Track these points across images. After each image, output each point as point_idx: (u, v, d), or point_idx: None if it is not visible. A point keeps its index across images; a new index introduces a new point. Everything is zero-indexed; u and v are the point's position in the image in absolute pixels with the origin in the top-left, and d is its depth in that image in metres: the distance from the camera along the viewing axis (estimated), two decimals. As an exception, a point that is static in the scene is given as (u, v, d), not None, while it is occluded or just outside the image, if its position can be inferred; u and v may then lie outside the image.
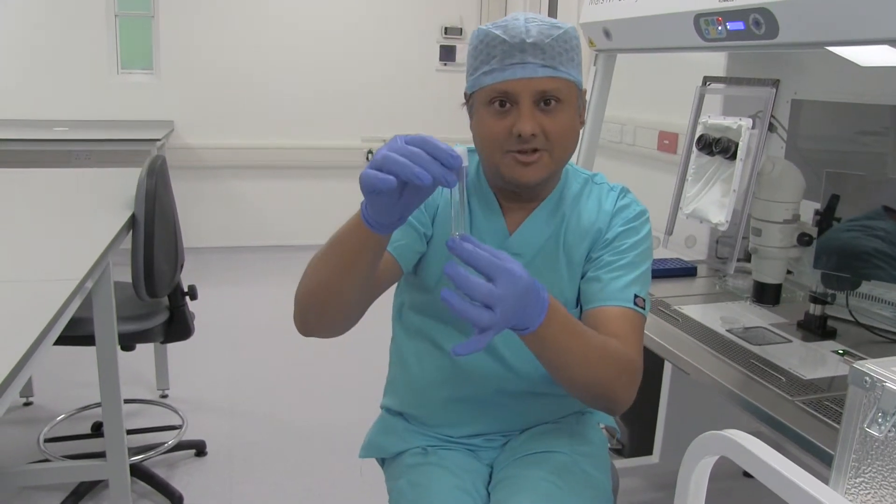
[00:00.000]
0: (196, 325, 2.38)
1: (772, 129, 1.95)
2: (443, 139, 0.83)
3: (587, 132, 2.16)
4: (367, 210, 0.90)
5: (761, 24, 1.35)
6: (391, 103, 5.09)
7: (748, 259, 1.82)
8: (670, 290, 1.88)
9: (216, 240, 4.97)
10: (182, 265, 2.38)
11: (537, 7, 4.46)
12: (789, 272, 1.77)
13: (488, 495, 1.22)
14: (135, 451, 2.37)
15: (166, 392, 2.90)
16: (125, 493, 2.02)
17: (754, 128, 1.67)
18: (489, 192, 1.22)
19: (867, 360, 0.80)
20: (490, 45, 1.09)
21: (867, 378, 0.77)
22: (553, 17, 1.13)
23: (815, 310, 1.60)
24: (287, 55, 4.88)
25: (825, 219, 1.61)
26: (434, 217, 1.20)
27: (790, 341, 1.55)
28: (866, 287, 1.63)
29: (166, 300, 2.30)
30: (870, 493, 0.78)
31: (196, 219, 4.72)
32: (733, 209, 1.69)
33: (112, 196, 2.31)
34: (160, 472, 2.32)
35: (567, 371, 1.02)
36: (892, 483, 0.75)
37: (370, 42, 5.00)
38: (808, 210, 1.66)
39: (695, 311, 1.72)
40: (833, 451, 0.83)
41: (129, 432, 2.37)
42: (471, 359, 1.23)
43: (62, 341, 1.54)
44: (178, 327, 2.31)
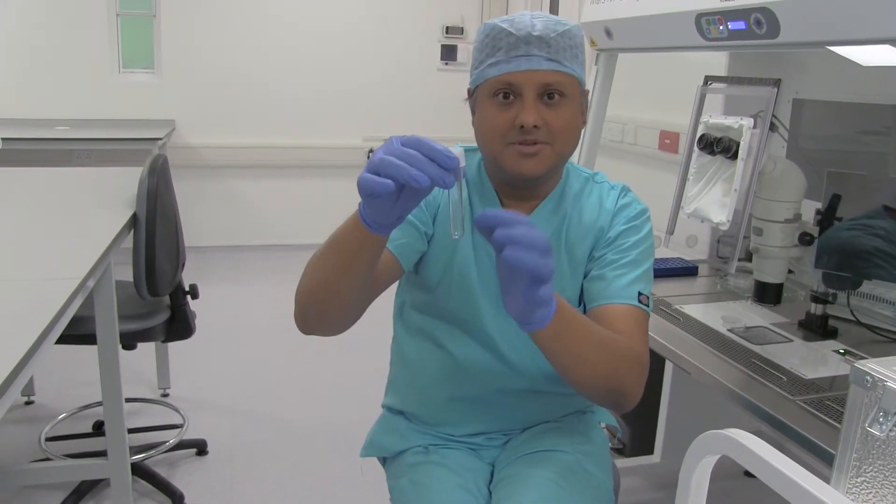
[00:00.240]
0: (197, 324, 2.38)
1: (773, 128, 1.95)
2: (444, 138, 0.83)
3: (588, 131, 2.16)
4: (365, 211, 0.90)
5: (762, 23, 1.34)
6: (392, 102, 5.09)
7: (749, 258, 1.82)
8: (671, 289, 1.88)
9: (217, 239, 4.98)
10: (183, 264, 2.38)
11: (538, 6, 4.46)
12: (790, 272, 1.77)
13: (489, 494, 1.22)
14: (136, 450, 2.37)
15: (167, 391, 2.90)
16: (126, 491, 2.02)
17: (755, 127, 1.67)
18: (490, 190, 1.22)
19: (868, 359, 0.80)
20: (496, 38, 1.09)
21: (868, 377, 0.77)
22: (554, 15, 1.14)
23: (817, 309, 1.59)
24: (288, 54, 4.88)
25: (826, 218, 1.61)
26: (435, 216, 1.20)
27: (791, 341, 1.55)
28: (867, 286, 1.63)
29: (167, 299, 2.31)
30: (871, 493, 0.78)
31: (197, 218, 4.72)
32: (734, 209, 1.69)
33: (113, 195, 2.31)
34: (161, 471, 2.32)
35: (577, 368, 1.02)
36: (894, 482, 0.75)
37: (371, 41, 5.00)
38: (810, 210, 1.66)
39: (696, 311, 1.72)
40: (834, 451, 0.83)
41: (131, 431, 2.37)
42: (473, 357, 1.24)
43: (63, 340, 1.55)
44: (179, 326, 2.31)
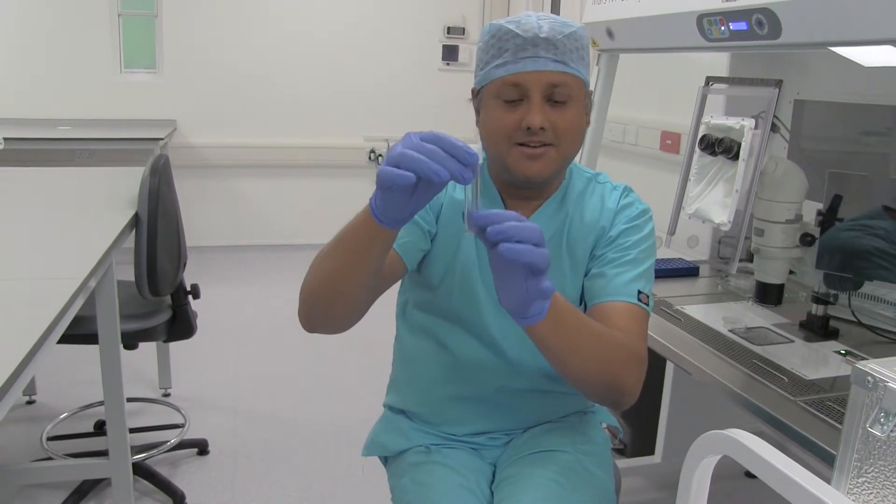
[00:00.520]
0: (199, 323, 2.38)
1: (774, 129, 1.95)
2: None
3: (590, 132, 2.15)
4: (378, 205, 0.90)
5: (764, 24, 1.35)
6: (393, 103, 5.09)
7: (750, 259, 1.82)
8: (673, 289, 1.88)
9: (219, 239, 4.98)
10: (185, 264, 2.39)
11: (540, 6, 4.46)
12: (792, 272, 1.77)
13: (491, 494, 1.23)
14: (137, 450, 2.37)
15: (169, 391, 2.90)
16: (127, 491, 2.02)
17: (757, 128, 1.67)
18: (493, 190, 1.22)
19: (869, 360, 0.80)
20: (502, 39, 1.09)
21: (870, 378, 0.77)
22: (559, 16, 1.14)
23: (818, 310, 1.59)
24: (289, 55, 4.88)
25: (828, 219, 1.61)
26: (438, 215, 1.20)
27: (792, 341, 1.55)
28: (868, 287, 1.63)
29: (169, 299, 2.31)
30: (872, 493, 0.78)
31: (199, 218, 4.73)
32: (736, 209, 1.69)
33: (115, 195, 2.32)
34: (162, 471, 2.33)
35: (573, 362, 1.02)
36: (895, 483, 0.75)
37: (373, 41, 5.00)
38: (811, 210, 1.66)
39: (697, 311, 1.72)
40: (835, 451, 0.83)
41: (132, 431, 2.37)
42: (474, 357, 1.24)
43: (65, 340, 1.55)
44: (180, 326, 2.32)
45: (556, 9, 4.27)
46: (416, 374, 1.32)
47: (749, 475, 2.11)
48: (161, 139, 4.15)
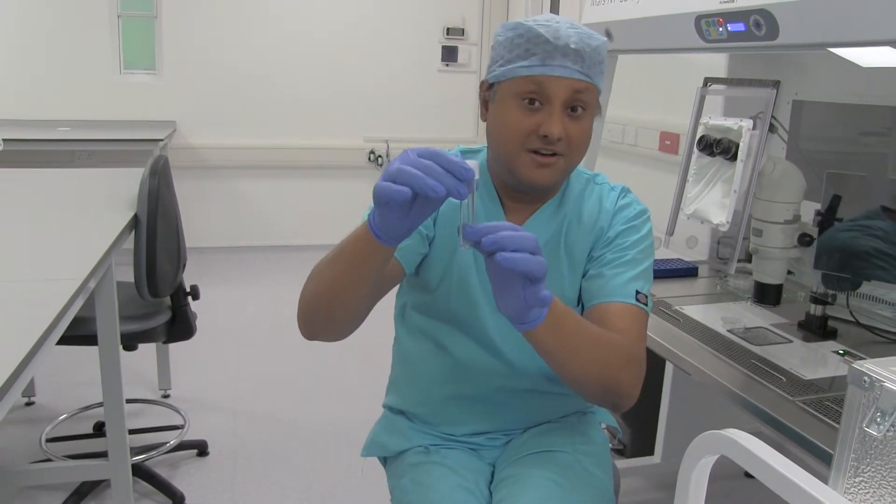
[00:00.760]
0: (198, 324, 2.38)
1: (772, 129, 1.95)
2: (445, 139, 0.84)
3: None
4: (376, 222, 0.90)
5: (762, 25, 1.35)
6: (393, 103, 5.09)
7: (749, 259, 1.82)
8: (671, 290, 1.89)
9: (218, 240, 4.98)
10: (184, 265, 2.39)
11: (539, 8, 4.46)
12: (790, 272, 1.77)
13: (490, 494, 1.23)
14: (137, 451, 2.37)
15: (168, 392, 2.90)
16: (127, 492, 2.02)
17: (755, 128, 1.68)
18: (493, 190, 1.22)
19: (866, 359, 0.80)
20: (531, 42, 1.08)
21: (866, 378, 0.78)
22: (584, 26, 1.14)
23: (816, 310, 1.60)
24: (289, 56, 4.88)
25: (826, 219, 1.61)
26: (435, 218, 1.20)
27: (791, 341, 1.56)
28: (867, 287, 1.63)
29: (168, 300, 2.31)
30: (868, 493, 0.78)
31: (198, 219, 4.73)
32: (734, 210, 1.69)
33: (115, 196, 2.32)
34: (162, 472, 2.33)
35: (572, 365, 1.02)
36: (891, 482, 0.76)
37: (372, 42, 5.01)
38: (809, 211, 1.66)
39: (696, 312, 1.72)
40: (833, 451, 0.83)
41: (131, 432, 2.37)
42: (473, 358, 1.24)
43: (64, 341, 1.55)
44: (180, 327, 2.32)
45: (555, 9, 4.27)
46: (416, 375, 1.32)
47: (748, 475, 2.11)
48: (161, 140, 4.15)
